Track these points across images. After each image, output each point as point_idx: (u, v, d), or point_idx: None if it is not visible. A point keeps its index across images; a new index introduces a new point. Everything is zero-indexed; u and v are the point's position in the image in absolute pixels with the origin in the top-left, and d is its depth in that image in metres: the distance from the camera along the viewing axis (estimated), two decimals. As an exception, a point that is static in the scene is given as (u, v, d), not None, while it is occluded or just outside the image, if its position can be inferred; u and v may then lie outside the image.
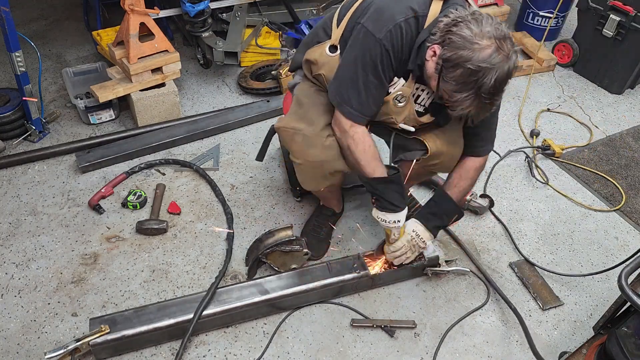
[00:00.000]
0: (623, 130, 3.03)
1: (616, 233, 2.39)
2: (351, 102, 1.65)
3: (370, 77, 1.61)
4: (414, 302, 2.03)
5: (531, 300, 2.08)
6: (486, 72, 1.42)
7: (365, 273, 1.96)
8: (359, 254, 2.02)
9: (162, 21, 3.05)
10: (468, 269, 2.13)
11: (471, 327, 1.97)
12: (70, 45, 3.40)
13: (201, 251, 2.17)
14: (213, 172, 2.52)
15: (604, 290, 2.13)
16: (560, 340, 1.95)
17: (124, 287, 2.01)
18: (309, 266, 2.03)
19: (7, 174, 2.46)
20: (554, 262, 2.24)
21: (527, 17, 3.70)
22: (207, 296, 1.83)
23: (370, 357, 1.86)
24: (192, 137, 2.70)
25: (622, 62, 3.21)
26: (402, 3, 1.58)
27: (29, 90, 2.48)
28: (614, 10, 3.12)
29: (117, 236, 2.20)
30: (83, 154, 2.52)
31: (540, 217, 2.44)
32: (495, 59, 1.42)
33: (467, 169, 1.88)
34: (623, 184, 2.64)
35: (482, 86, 1.44)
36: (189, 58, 3.27)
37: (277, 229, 2.01)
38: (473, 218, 2.40)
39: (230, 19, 3.06)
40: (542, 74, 3.46)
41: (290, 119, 1.81)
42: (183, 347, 1.75)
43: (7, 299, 1.95)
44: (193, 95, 3.04)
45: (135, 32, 2.55)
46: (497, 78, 1.43)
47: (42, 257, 2.11)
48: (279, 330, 1.90)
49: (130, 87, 2.65)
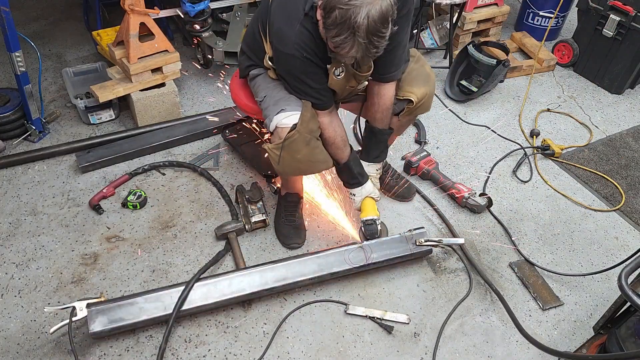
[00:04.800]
0: (623, 130, 3.03)
1: (616, 233, 2.39)
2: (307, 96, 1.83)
3: (306, 79, 1.78)
4: (414, 302, 2.04)
5: (531, 300, 2.08)
6: (356, 11, 1.48)
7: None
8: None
9: (162, 21, 3.05)
10: (462, 240, 2.15)
11: (471, 327, 1.97)
12: (70, 45, 3.40)
13: (201, 251, 2.17)
14: (213, 172, 2.52)
15: (604, 290, 2.13)
16: (560, 340, 1.95)
17: (124, 287, 2.01)
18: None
19: (7, 174, 2.46)
20: (554, 262, 2.24)
21: (527, 17, 3.69)
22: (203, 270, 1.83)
23: (370, 357, 1.86)
24: (192, 137, 2.70)
25: (622, 62, 3.21)
26: (291, 7, 1.68)
27: (29, 90, 2.48)
28: (614, 10, 3.12)
29: (117, 236, 2.20)
30: (83, 154, 2.52)
31: (540, 217, 2.44)
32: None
33: (382, 96, 1.99)
34: (623, 184, 2.64)
35: (356, 25, 1.49)
36: (189, 58, 3.27)
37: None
38: (472, 218, 2.41)
39: (230, 19, 3.06)
40: (542, 74, 3.46)
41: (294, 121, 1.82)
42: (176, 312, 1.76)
43: (7, 299, 1.95)
44: (193, 95, 3.04)
45: (135, 32, 2.55)
46: (370, 16, 1.48)
47: (42, 257, 2.11)
48: (279, 330, 1.90)
49: (130, 87, 2.65)
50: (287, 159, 1.84)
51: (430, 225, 2.35)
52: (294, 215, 2.22)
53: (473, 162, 2.73)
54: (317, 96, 1.84)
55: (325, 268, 2.00)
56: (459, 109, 3.08)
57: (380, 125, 2.05)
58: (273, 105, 1.86)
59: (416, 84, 2.03)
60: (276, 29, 1.72)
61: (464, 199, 2.41)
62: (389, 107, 2.01)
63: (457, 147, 2.81)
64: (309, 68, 1.76)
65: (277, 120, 1.82)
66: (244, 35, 2.05)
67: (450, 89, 3.18)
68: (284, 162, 1.85)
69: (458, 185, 2.46)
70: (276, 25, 1.72)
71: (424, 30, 3.48)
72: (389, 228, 2.28)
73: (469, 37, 3.51)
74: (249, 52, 1.99)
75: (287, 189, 2.23)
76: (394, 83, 1.98)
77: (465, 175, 2.63)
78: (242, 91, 2.16)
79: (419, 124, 2.87)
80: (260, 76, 1.98)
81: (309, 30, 1.68)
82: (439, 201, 2.47)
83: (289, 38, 1.69)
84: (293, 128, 1.79)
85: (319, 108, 1.86)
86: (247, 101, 2.13)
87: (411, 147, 2.76)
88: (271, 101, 1.88)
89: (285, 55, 1.72)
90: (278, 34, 1.72)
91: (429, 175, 2.54)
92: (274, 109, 1.84)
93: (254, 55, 1.97)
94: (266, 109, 1.89)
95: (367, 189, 2.08)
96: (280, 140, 1.81)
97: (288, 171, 1.97)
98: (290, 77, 1.82)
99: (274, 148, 1.84)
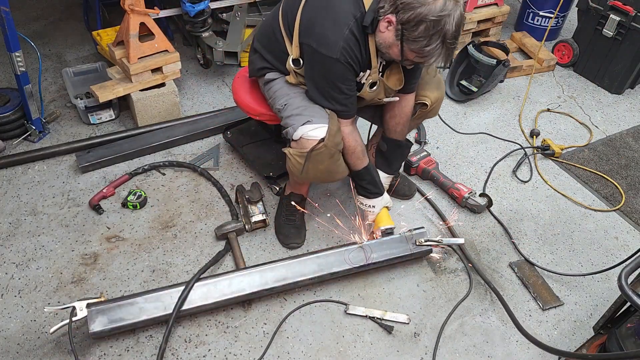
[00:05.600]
0: (623, 130, 3.03)
1: (616, 233, 2.39)
2: (333, 105, 1.85)
3: (340, 85, 1.79)
4: (414, 302, 2.04)
5: (531, 300, 2.08)
6: (446, 19, 1.58)
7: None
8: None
9: (162, 21, 3.05)
10: (462, 240, 2.15)
11: (471, 327, 1.97)
12: (70, 45, 3.40)
13: (201, 251, 2.17)
14: (213, 171, 2.52)
15: (604, 290, 2.13)
16: (560, 340, 1.95)
17: (124, 287, 2.01)
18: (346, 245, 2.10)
19: (7, 174, 2.46)
20: (554, 262, 2.24)
21: (527, 17, 3.70)
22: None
23: (370, 357, 1.86)
24: (192, 137, 2.70)
25: (622, 62, 3.21)
26: (338, 12, 1.70)
27: (29, 90, 2.48)
28: (614, 10, 3.12)
29: (117, 236, 2.21)
30: (83, 154, 2.52)
31: (540, 217, 2.44)
32: (448, 5, 1.58)
33: (403, 107, 2.07)
34: (623, 184, 2.64)
35: (446, 33, 1.60)
36: (189, 58, 3.27)
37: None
38: (472, 218, 2.41)
39: (230, 19, 3.06)
40: (542, 74, 3.46)
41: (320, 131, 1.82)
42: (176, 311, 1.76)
43: (7, 299, 1.95)
44: (193, 95, 3.04)
45: (135, 32, 2.55)
46: (456, 22, 1.60)
47: (42, 257, 2.11)
48: (279, 330, 1.90)
49: (130, 87, 2.65)
50: (310, 169, 1.85)
51: (430, 225, 2.35)
52: (295, 215, 2.22)
53: (473, 162, 2.73)
54: (345, 103, 1.84)
55: (325, 268, 2.00)
56: (459, 109, 3.08)
57: (402, 137, 2.16)
58: (297, 115, 1.84)
59: (429, 88, 2.10)
60: (320, 30, 1.71)
61: (464, 199, 2.41)
62: (409, 117, 2.10)
63: (457, 147, 2.81)
64: (348, 75, 1.77)
65: (303, 131, 1.80)
66: (258, 34, 2.01)
67: (450, 89, 3.18)
68: (307, 171, 1.86)
69: (458, 185, 2.46)
70: (320, 27, 1.71)
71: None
72: (389, 228, 2.28)
73: (469, 37, 3.51)
74: (264, 52, 1.96)
75: (293, 189, 2.23)
76: (414, 93, 2.05)
77: (465, 175, 2.63)
78: (245, 91, 2.15)
79: (419, 124, 2.86)
80: (278, 80, 1.95)
81: (357, 37, 1.71)
82: (439, 201, 2.47)
83: (336, 42, 1.68)
84: (320, 141, 1.79)
85: (343, 117, 1.87)
86: (251, 102, 2.12)
87: (411, 147, 2.75)
88: (294, 110, 1.86)
89: (327, 59, 1.71)
90: (323, 36, 1.70)
91: (429, 175, 2.55)
92: (299, 119, 1.82)
93: (272, 56, 1.94)
94: (289, 117, 1.86)
95: (386, 199, 2.10)
96: (305, 150, 1.81)
97: (308, 178, 1.98)
98: (324, 81, 1.80)
99: (296, 155, 1.84)
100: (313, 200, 2.37)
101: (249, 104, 2.14)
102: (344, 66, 1.73)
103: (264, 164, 2.45)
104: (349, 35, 1.69)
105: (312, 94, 1.86)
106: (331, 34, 1.69)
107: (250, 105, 2.13)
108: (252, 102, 2.13)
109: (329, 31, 1.69)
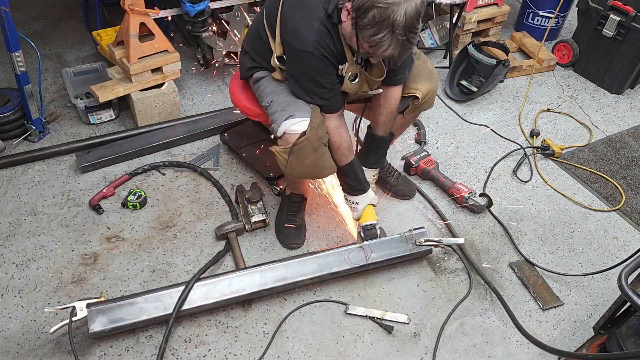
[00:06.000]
0: (623, 130, 3.03)
1: (616, 233, 2.39)
2: (315, 100, 1.83)
3: (319, 79, 1.78)
4: (414, 302, 2.04)
5: (531, 300, 2.08)
6: (395, 9, 1.51)
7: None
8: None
9: (162, 21, 3.05)
10: (462, 240, 2.14)
11: (471, 327, 1.97)
12: (70, 45, 3.40)
13: (201, 251, 2.17)
14: (213, 171, 2.52)
15: (604, 290, 2.13)
16: (560, 340, 1.95)
17: (124, 287, 2.01)
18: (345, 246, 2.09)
19: (7, 174, 2.46)
20: (554, 262, 2.24)
21: (527, 17, 3.70)
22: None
23: (370, 357, 1.86)
24: (192, 137, 2.70)
25: (622, 62, 3.21)
26: (310, 6, 1.69)
27: (29, 90, 2.48)
28: (614, 10, 3.12)
29: (117, 236, 2.21)
30: (83, 154, 2.52)
31: (540, 217, 2.44)
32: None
33: (387, 100, 2.01)
34: (623, 184, 2.64)
35: (395, 22, 1.53)
36: (189, 58, 3.27)
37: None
38: (472, 218, 2.41)
39: (230, 19, 3.06)
40: (542, 74, 3.46)
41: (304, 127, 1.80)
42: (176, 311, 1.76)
43: (7, 299, 1.95)
44: (193, 95, 3.04)
45: (135, 32, 2.55)
46: (407, 13, 1.52)
47: (42, 257, 2.11)
48: (279, 330, 1.90)
49: (130, 87, 2.65)
50: (295, 164, 1.84)
51: (430, 225, 2.35)
52: (295, 216, 2.22)
53: (473, 162, 2.73)
54: (328, 97, 1.83)
55: (325, 268, 2.00)
56: (459, 109, 3.08)
57: (382, 132, 2.07)
58: (281, 110, 1.84)
59: (420, 80, 2.05)
60: (293, 26, 1.71)
61: (464, 199, 2.41)
62: (394, 110, 2.03)
63: (457, 147, 2.81)
64: (325, 67, 1.76)
65: (286, 126, 1.80)
66: (246, 36, 2.04)
67: (450, 89, 3.18)
68: (292, 166, 1.85)
69: (458, 185, 2.46)
70: (293, 23, 1.71)
71: (424, 30, 3.48)
72: (390, 228, 2.28)
73: (469, 37, 3.51)
74: (252, 52, 1.98)
75: (293, 189, 2.23)
76: (401, 86, 2.00)
77: (465, 175, 2.63)
78: (242, 93, 2.15)
79: (419, 124, 2.87)
80: (265, 79, 1.96)
81: (328, 29, 1.69)
82: (439, 201, 2.47)
83: (308, 36, 1.68)
84: (302, 135, 1.78)
85: (327, 111, 1.85)
86: (248, 103, 2.12)
87: (411, 147, 2.75)
88: (279, 106, 1.86)
89: (302, 53, 1.71)
90: (295, 31, 1.71)
91: (429, 175, 2.55)
92: (282, 115, 1.82)
93: (258, 55, 1.95)
94: (273, 114, 1.87)
95: (370, 197, 2.08)
96: (289, 145, 1.80)
97: (295, 175, 1.97)
98: (303, 76, 1.80)
99: (281, 151, 1.83)
100: (314, 200, 2.37)
101: (246, 105, 2.14)
102: (319, 59, 1.71)
103: (263, 165, 2.45)
104: (319, 27, 1.68)
105: (294, 89, 1.86)
106: (303, 27, 1.69)
107: (247, 106, 2.13)
108: (249, 103, 2.13)
109: (301, 25, 1.70)
